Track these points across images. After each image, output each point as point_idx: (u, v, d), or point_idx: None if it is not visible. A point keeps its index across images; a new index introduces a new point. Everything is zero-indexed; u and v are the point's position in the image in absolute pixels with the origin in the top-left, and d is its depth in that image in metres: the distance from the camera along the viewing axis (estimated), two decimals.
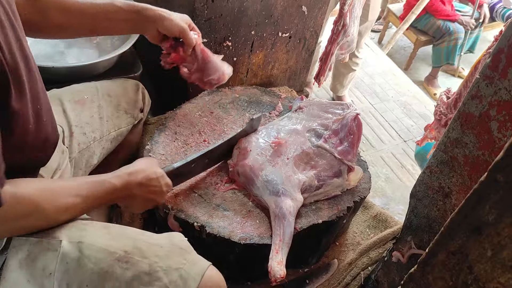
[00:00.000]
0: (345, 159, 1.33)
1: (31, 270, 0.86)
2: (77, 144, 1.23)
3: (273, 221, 1.17)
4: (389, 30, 4.20)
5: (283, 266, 1.10)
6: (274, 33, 1.72)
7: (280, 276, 1.08)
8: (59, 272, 0.85)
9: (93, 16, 1.11)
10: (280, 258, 1.11)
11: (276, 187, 1.20)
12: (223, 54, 1.65)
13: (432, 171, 1.03)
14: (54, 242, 0.87)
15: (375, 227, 1.54)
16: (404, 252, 1.19)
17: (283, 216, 1.16)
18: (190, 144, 1.36)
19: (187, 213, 1.17)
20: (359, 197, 1.32)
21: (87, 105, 1.28)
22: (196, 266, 0.91)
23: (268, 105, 1.57)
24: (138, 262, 0.88)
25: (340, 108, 1.42)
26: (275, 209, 1.18)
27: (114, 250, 0.88)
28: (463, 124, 0.90)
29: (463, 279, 0.65)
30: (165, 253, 0.91)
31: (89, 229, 0.93)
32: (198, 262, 0.93)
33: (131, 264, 0.87)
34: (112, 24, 1.15)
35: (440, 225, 1.01)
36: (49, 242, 0.87)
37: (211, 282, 0.92)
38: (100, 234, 0.92)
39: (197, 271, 0.90)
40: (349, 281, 1.39)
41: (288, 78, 1.96)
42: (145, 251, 0.90)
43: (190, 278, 0.89)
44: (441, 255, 0.67)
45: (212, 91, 1.57)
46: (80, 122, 1.25)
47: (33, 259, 0.86)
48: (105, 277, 0.86)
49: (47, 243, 0.87)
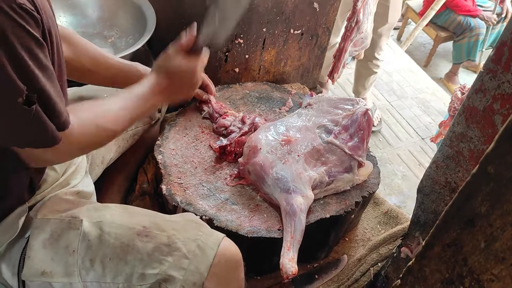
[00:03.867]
0: (356, 155, 1.33)
1: (55, 249, 0.91)
2: None
3: (284, 218, 1.18)
4: (408, 27, 4.14)
5: (295, 263, 1.11)
6: (286, 30, 1.73)
7: (292, 273, 1.09)
8: (81, 249, 0.91)
9: (116, 74, 1.25)
10: (291, 255, 1.12)
11: (286, 185, 1.21)
12: (235, 52, 1.67)
13: (438, 166, 1.02)
14: (76, 222, 0.92)
15: (386, 224, 1.53)
16: (412, 248, 1.19)
17: (294, 214, 1.16)
18: (200, 139, 1.38)
19: (196, 207, 1.19)
20: (368, 192, 1.32)
21: None
22: (212, 237, 0.96)
23: (278, 101, 1.58)
24: (157, 235, 0.93)
25: (350, 104, 1.41)
26: (286, 207, 1.18)
27: (133, 226, 0.94)
28: (468, 118, 0.90)
29: (458, 271, 0.65)
30: (182, 227, 0.96)
31: (107, 210, 0.98)
32: (213, 233, 0.98)
33: (151, 237, 0.92)
34: (130, 82, 1.25)
35: None
36: (70, 222, 0.92)
37: (228, 251, 0.96)
38: (118, 213, 0.98)
39: (213, 241, 0.95)
40: (358, 276, 1.39)
41: (301, 75, 1.97)
42: (162, 225, 0.95)
43: (207, 247, 0.93)
44: (437, 247, 0.67)
45: (223, 87, 1.59)
46: None
47: (56, 239, 0.91)
48: (127, 250, 0.91)
49: (69, 222, 0.92)
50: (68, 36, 1.16)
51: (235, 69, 1.73)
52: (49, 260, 0.90)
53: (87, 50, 1.19)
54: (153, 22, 1.69)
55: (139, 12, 1.75)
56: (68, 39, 1.16)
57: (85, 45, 1.20)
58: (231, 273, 0.98)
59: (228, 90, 1.59)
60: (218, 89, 1.57)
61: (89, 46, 1.21)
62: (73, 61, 1.18)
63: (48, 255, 0.91)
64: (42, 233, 0.91)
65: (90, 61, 1.20)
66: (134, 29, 1.77)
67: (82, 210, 0.96)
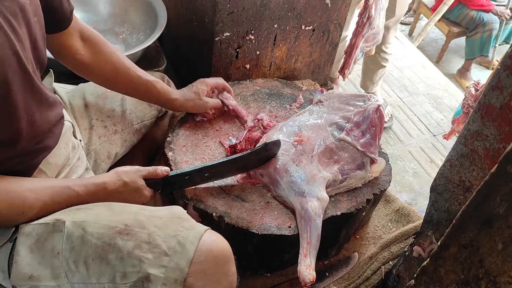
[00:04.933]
0: (368, 151, 1.31)
1: (42, 252, 0.90)
2: (98, 136, 1.27)
3: (299, 223, 1.16)
4: (420, 22, 4.09)
5: (312, 270, 1.09)
6: (297, 26, 1.71)
7: (309, 281, 1.08)
8: (66, 250, 0.89)
9: (135, 87, 1.25)
10: (308, 262, 1.10)
11: (301, 188, 1.19)
12: (246, 48, 1.67)
13: (452, 164, 1.01)
14: (59, 224, 0.91)
15: (397, 221, 1.52)
16: (425, 247, 1.18)
17: (309, 218, 1.14)
18: (210, 136, 1.38)
19: (206, 203, 1.19)
20: (379, 190, 1.31)
21: (109, 98, 1.32)
22: (193, 231, 0.92)
23: (288, 98, 1.57)
24: (137, 233, 0.90)
25: (361, 100, 1.40)
26: (301, 211, 1.16)
27: (115, 224, 0.91)
28: (484, 116, 0.88)
29: (474, 273, 0.64)
30: (163, 223, 0.93)
31: (93, 209, 0.96)
32: (195, 227, 0.94)
33: (131, 235, 0.90)
34: (146, 98, 1.32)
35: None
36: (54, 225, 0.91)
37: (214, 246, 0.92)
38: (103, 211, 0.96)
39: (194, 235, 0.91)
40: (369, 275, 1.38)
41: (312, 72, 1.95)
42: (144, 222, 0.92)
43: (187, 242, 0.89)
44: (453, 248, 0.66)
45: (234, 83, 1.58)
46: (101, 115, 1.29)
47: (43, 242, 0.91)
48: (108, 249, 0.89)
49: (53, 225, 0.91)
50: (94, 41, 1.17)
51: (246, 65, 1.73)
52: (36, 264, 0.90)
53: (111, 60, 1.19)
54: (164, 19, 1.69)
55: (150, 8, 1.75)
56: (93, 45, 1.16)
57: (109, 54, 1.19)
58: (220, 268, 0.93)
59: (238, 86, 1.58)
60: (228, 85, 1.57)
61: (114, 56, 1.20)
62: (93, 68, 1.18)
63: (35, 259, 0.90)
64: (29, 237, 0.91)
65: (111, 72, 1.20)
66: (145, 26, 1.77)
67: (67, 212, 0.95)
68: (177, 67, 2.06)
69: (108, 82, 1.24)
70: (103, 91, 1.31)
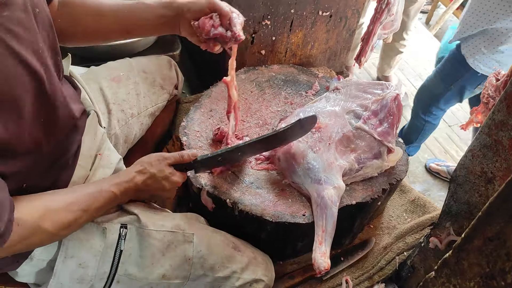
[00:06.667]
0: (385, 140, 1.29)
1: (174, 257, 1.07)
2: (116, 121, 1.26)
3: (315, 211, 1.15)
4: (437, 10, 4.00)
5: (327, 258, 1.08)
6: (314, 11, 1.68)
7: (324, 268, 1.07)
8: (195, 258, 1.09)
9: (126, 16, 1.09)
10: (323, 249, 1.09)
11: (318, 175, 1.17)
12: (262, 33, 1.64)
13: (474, 154, 0.98)
14: (188, 235, 1.10)
15: (412, 212, 1.50)
16: (442, 238, 1.15)
17: (325, 206, 1.13)
18: (225, 122, 1.36)
19: (220, 190, 1.18)
20: (395, 179, 1.29)
21: (123, 82, 1.31)
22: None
23: (304, 84, 1.55)
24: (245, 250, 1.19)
25: (380, 88, 1.37)
26: (317, 198, 1.15)
27: (228, 243, 1.16)
28: (510, 105, 0.85)
29: (500, 266, 0.62)
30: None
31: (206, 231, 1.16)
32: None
33: (242, 252, 1.17)
34: (145, 22, 1.11)
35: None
36: (184, 235, 1.09)
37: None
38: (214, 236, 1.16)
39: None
40: (383, 265, 1.36)
41: (328, 59, 1.92)
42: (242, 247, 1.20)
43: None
44: (478, 240, 0.64)
45: (249, 69, 1.56)
46: (117, 99, 1.28)
47: (174, 249, 1.07)
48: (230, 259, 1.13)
49: (183, 235, 1.08)
50: (62, 3, 1.03)
51: (261, 51, 1.70)
52: (168, 266, 1.04)
53: (86, 7, 1.06)
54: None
55: None
56: (61, 10, 1.03)
57: (81, 3, 1.06)
58: None
59: (254, 72, 1.56)
60: (243, 71, 1.55)
61: (87, 1, 1.06)
62: (74, 30, 1.06)
63: (167, 261, 1.04)
64: (161, 242, 1.05)
65: (92, 21, 1.07)
66: None
67: (191, 226, 1.12)
68: (192, 51, 2.03)
69: (99, 32, 1.11)
70: (116, 74, 1.30)
